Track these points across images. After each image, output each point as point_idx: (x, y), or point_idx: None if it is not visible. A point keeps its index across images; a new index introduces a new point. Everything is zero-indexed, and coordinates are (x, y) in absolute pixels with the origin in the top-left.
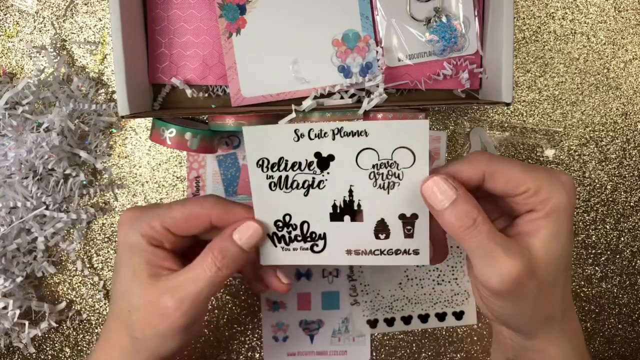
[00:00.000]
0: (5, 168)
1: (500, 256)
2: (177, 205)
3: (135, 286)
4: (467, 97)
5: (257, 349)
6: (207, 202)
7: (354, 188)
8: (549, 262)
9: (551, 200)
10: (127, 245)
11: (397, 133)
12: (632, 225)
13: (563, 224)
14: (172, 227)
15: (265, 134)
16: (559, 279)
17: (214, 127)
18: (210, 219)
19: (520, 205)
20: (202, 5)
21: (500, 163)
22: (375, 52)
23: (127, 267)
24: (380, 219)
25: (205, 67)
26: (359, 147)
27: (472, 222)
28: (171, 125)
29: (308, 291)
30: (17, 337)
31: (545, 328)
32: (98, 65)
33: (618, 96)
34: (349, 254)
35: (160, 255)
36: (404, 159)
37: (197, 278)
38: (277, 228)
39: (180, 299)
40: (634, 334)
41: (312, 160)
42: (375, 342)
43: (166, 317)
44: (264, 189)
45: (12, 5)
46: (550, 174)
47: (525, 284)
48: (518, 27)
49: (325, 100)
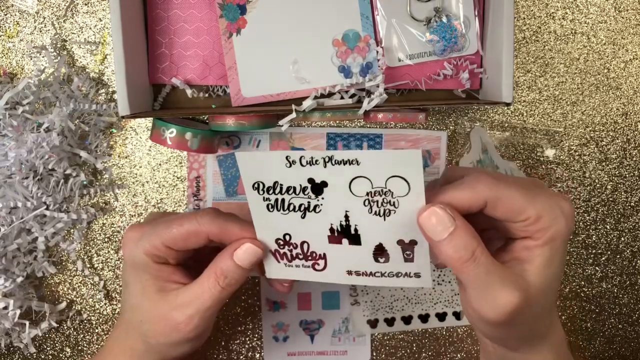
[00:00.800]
0: (6, 168)
1: (497, 289)
2: (175, 223)
3: (145, 301)
4: (468, 97)
5: (257, 349)
6: (203, 219)
7: (350, 214)
8: (542, 289)
9: (550, 230)
10: (134, 264)
11: (390, 163)
12: (632, 225)
13: (558, 250)
14: (172, 244)
15: (258, 160)
16: (548, 302)
17: (214, 127)
18: (208, 236)
19: (518, 231)
20: (202, 6)
21: (502, 189)
22: (375, 52)
23: (136, 284)
24: (379, 243)
25: (205, 67)
26: (351, 175)
27: (470, 254)
28: (171, 125)
29: (308, 291)
30: (17, 337)
31: (530, 343)
32: (98, 66)
33: (618, 96)
34: (349, 274)
35: (166, 270)
36: (398, 188)
37: (203, 296)
38: (279, 246)
39: (190, 315)
40: (634, 334)
41: (306, 186)
42: (376, 342)
43: (177, 330)
44: (262, 210)
45: (13, 5)
46: (551, 201)
47: (519, 315)
48: (518, 27)
49: (326, 100)
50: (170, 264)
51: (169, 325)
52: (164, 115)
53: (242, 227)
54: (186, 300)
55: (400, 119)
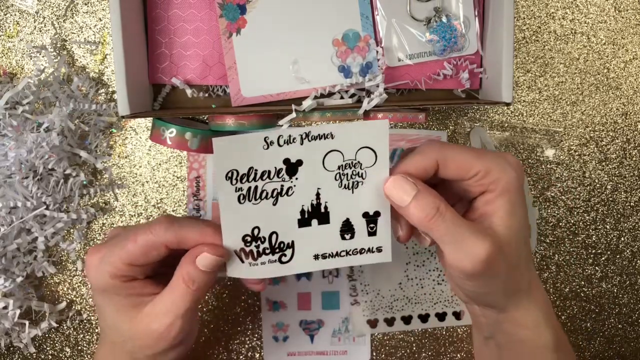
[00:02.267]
0: (6, 168)
1: (469, 240)
2: (130, 239)
3: (123, 320)
4: (467, 97)
5: (257, 349)
6: (157, 230)
7: (321, 191)
8: (510, 238)
9: (502, 180)
10: (101, 289)
11: (360, 134)
12: (632, 225)
13: (517, 200)
14: (132, 261)
15: (236, 144)
16: (521, 252)
17: (214, 127)
18: (166, 245)
19: (474, 187)
20: (202, 5)
21: (450, 150)
22: (375, 52)
23: (110, 306)
24: (346, 219)
25: (205, 67)
26: (326, 149)
27: (435, 210)
28: (171, 125)
29: (308, 291)
30: (17, 337)
31: (515, 300)
32: (98, 65)
33: (618, 96)
34: (316, 258)
35: (136, 286)
36: (366, 159)
37: (177, 302)
38: (245, 243)
39: (170, 323)
40: (634, 333)
41: (280, 168)
42: (375, 342)
43: (162, 339)
44: (233, 203)
45: (13, 5)
46: (497, 156)
47: (495, 262)
48: (518, 27)
49: (326, 100)
50: (139, 278)
51: (152, 337)
52: (164, 115)
53: (201, 231)
54: (163, 309)
55: (400, 119)
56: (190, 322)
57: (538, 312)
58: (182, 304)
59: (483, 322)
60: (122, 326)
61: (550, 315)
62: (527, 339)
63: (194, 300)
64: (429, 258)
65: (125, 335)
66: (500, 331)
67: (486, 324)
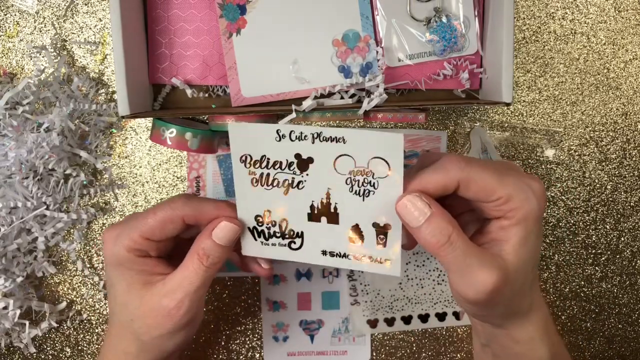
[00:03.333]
0: (6, 168)
1: (475, 271)
2: (150, 213)
3: (133, 298)
4: (467, 97)
5: (257, 349)
6: (176, 203)
7: (331, 191)
8: (520, 266)
9: (522, 209)
10: (116, 262)
11: (374, 143)
12: (632, 225)
13: (533, 229)
14: (150, 235)
15: (249, 132)
16: (527, 279)
17: (214, 127)
18: (183, 219)
19: (492, 211)
20: (202, 6)
21: (474, 171)
22: (375, 52)
23: (121, 282)
24: (355, 224)
25: (205, 67)
26: (337, 152)
27: (446, 238)
28: (171, 126)
29: (308, 291)
30: (17, 337)
31: (512, 320)
32: (98, 66)
33: (618, 96)
34: (324, 254)
35: (149, 263)
36: (379, 170)
37: (190, 278)
38: (258, 223)
39: (180, 299)
40: (634, 333)
41: (292, 161)
42: (376, 342)
43: (170, 317)
44: (246, 184)
45: (13, 5)
46: (522, 182)
47: (498, 293)
48: (518, 27)
49: (326, 100)
50: (152, 256)
51: (160, 314)
52: (164, 115)
53: (217, 207)
54: (174, 285)
55: (400, 119)
56: (198, 304)
57: (534, 329)
58: (195, 280)
59: (480, 330)
60: (132, 304)
61: (548, 330)
62: (521, 353)
63: (205, 279)
64: (429, 258)
65: (133, 313)
66: (496, 342)
67: (483, 332)
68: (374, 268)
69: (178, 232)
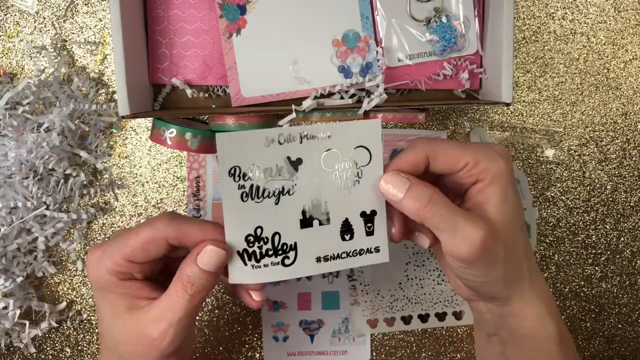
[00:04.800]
0: (6, 168)
1: (464, 225)
2: (132, 234)
3: (117, 322)
4: (467, 97)
5: (257, 349)
6: (159, 224)
7: (321, 191)
8: (505, 224)
9: (492, 169)
10: (99, 285)
11: (355, 133)
12: (632, 225)
13: (508, 187)
14: (132, 257)
15: (238, 140)
16: (517, 239)
17: (214, 127)
18: (167, 241)
19: (465, 179)
20: (202, 6)
21: (439, 144)
22: (375, 52)
23: (106, 306)
24: (345, 219)
25: (205, 67)
26: (323, 148)
27: (429, 199)
28: (171, 126)
29: (308, 291)
30: (17, 337)
31: (517, 289)
32: (98, 66)
33: (618, 96)
34: (318, 261)
35: (133, 286)
36: (362, 158)
37: (173, 308)
38: (248, 244)
39: (164, 329)
40: (634, 334)
41: (282, 166)
42: (375, 342)
43: (154, 347)
44: (236, 201)
45: (13, 5)
46: (485, 147)
47: (491, 247)
48: (518, 27)
49: (326, 100)
50: (136, 279)
51: (144, 343)
52: (164, 115)
53: (202, 229)
54: (157, 314)
55: (400, 119)
56: (183, 333)
57: (541, 303)
58: (179, 309)
59: (487, 318)
60: (116, 328)
61: (553, 307)
62: (531, 332)
63: (191, 307)
64: (429, 258)
65: (118, 339)
66: (504, 326)
67: (490, 319)
68: (365, 260)
69: (163, 254)
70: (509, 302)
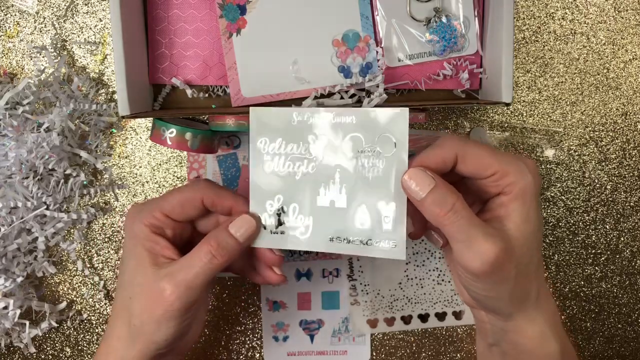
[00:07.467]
0: (6, 168)
1: (480, 240)
2: (173, 192)
3: (139, 274)
4: (467, 97)
5: (257, 349)
6: (199, 185)
7: (340, 173)
8: (523, 242)
9: (519, 184)
10: (132, 235)
11: (381, 121)
12: (632, 225)
13: (532, 205)
14: (170, 212)
15: (269, 115)
16: (532, 259)
17: (214, 128)
18: (203, 201)
19: (490, 188)
20: (202, 6)
21: (470, 146)
22: (375, 52)
23: (132, 257)
24: (362, 205)
25: (205, 67)
26: (348, 133)
27: (450, 206)
28: (171, 126)
29: (308, 291)
30: (17, 337)
31: (522, 308)
32: (98, 66)
33: (618, 96)
34: (331, 240)
35: (161, 244)
36: (386, 147)
37: (192, 264)
38: (269, 211)
39: (177, 283)
40: (634, 333)
41: (306, 144)
42: (375, 341)
43: (162, 300)
44: (260, 170)
45: (13, 5)
46: (516, 159)
47: (504, 266)
48: (518, 27)
49: (326, 100)
50: (166, 236)
51: (154, 296)
52: (164, 115)
53: (235, 197)
54: (174, 269)
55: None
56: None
57: (544, 323)
58: (196, 267)
59: (488, 328)
60: (136, 281)
61: (557, 325)
62: (532, 349)
63: (209, 269)
64: (429, 258)
65: (134, 291)
66: (505, 340)
67: (491, 330)
68: (379, 252)
69: (197, 215)
70: (511, 319)
